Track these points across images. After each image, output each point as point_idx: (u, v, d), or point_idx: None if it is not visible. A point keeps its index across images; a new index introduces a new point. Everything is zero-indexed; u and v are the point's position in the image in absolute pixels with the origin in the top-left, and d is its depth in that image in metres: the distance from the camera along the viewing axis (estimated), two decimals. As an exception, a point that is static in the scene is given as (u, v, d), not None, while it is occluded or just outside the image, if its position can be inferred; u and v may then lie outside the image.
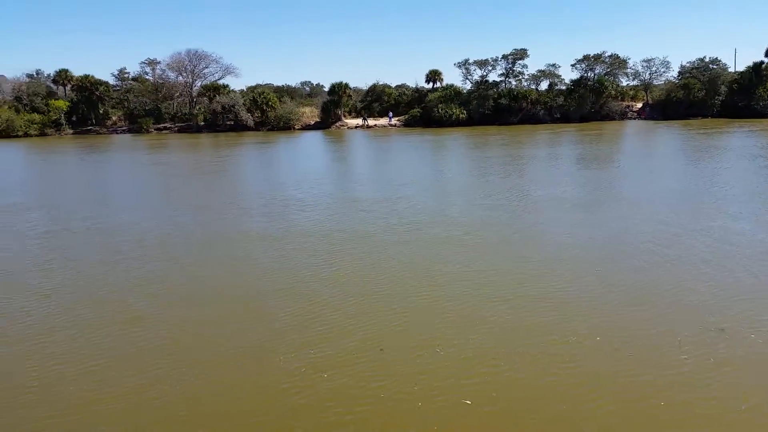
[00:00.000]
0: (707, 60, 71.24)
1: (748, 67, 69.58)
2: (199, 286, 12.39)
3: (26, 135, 67.23)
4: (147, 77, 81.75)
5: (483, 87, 71.71)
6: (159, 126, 71.71)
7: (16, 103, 73.41)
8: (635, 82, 76.30)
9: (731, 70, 73.74)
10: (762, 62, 68.58)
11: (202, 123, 70.39)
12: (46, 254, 15.24)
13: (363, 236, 16.27)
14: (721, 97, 68.32)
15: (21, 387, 8.15)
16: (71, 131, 70.86)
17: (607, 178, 26.01)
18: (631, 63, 73.30)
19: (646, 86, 74.97)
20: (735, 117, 64.66)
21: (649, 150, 40.30)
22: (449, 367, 8.53)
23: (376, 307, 10.87)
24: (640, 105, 74.70)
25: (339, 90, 71.81)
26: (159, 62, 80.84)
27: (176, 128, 71.38)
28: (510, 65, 72.61)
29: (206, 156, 43.70)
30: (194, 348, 9.36)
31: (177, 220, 19.19)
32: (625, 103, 73.97)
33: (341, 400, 7.71)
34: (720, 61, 71.37)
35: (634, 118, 71.21)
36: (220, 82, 75.86)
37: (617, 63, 72.37)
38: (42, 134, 68.58)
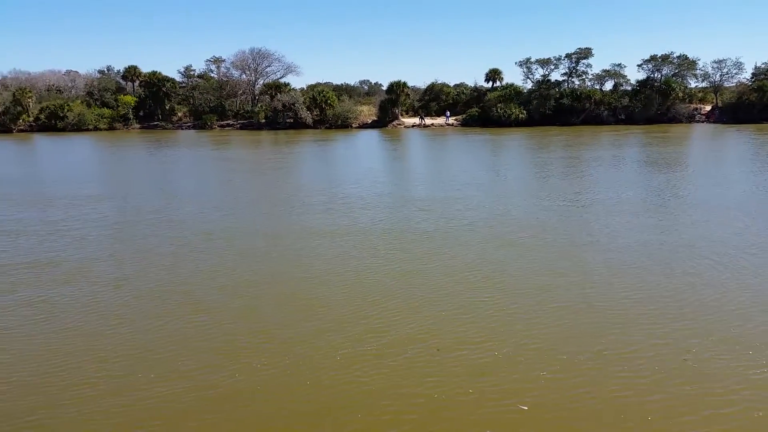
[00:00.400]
0: (786, 60, 67.54)
1: (830, 68, 65.59)
2: (264, 281, 12.54)
3: (96, 129, 70.09)
4: (212, 75, 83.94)
5: (544, 86, 70.19)
6: (222, 123, 73.48)
7: (87, 98, 76.75)
8: (704, 84, 73.12)
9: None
10: None
11: (263, 120, 71.68)
12: (118, 244, 15.75)
13: (424, 236, 16.13)
14: (798, 100, 64.58)
15: (89, 378, 8.37)
16: (138, 126, 73.49)
17: (679, 183, 24.96)
18: (700, 64, 70.37)
19: (716, 88, 71.68)
20: (814, 121, 61.06)
21: (720, 154, 38.53)
22: (507, 371, 8.36)
23: (436, 307, 10.75)
24: (708, 108, 71.51)
25: (397, 89, 71.72)
26: (224, 60, 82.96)
27: (238, 125, 72.98)
28: (573, 64, 70.83)
29: (268, 153, 44.46)
30: (257, 344, 9.45)
31: (243, 215, 19.54)
32: (692, 106, 70.89)
33: (396, 399, 7.67)
34: (798, 61, 67.51)
35: (702, 121, 68.19)
36: (282, 80, 77.13)
37: (686, 64, 69.52)
38: (111, 128, 71.39)
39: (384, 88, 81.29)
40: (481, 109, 70.44)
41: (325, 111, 71.01)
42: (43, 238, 16.50)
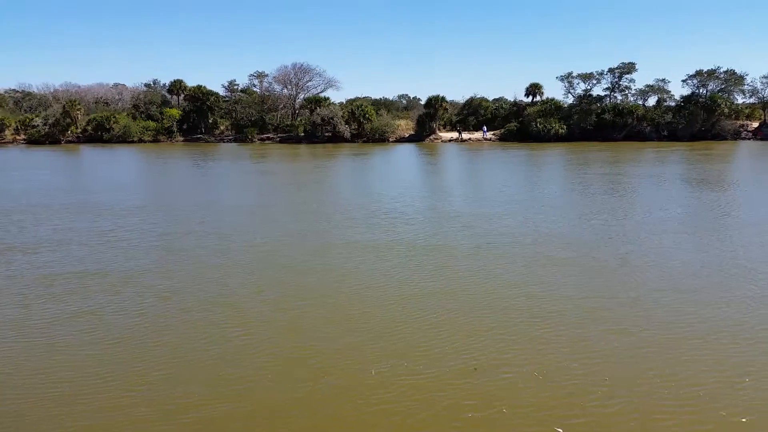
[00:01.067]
0: (839, 75, 65.20)
1: None
2: (308, 295, 12.51)
3: (141, 141, 72.04)
4: (255, 89, 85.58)
5: (586, 101, 69.25)
6: (262, 136, 74.66)
7: (133, 111, 79.04)
8: (752, 100, 71.05)
9: None
10: None
11: (302, 134, 72.53)
12: (166, 256, 16.00)
13: (468, 253, 15.92)
14: None
15: (131, 392, 8.41)
16: (182, 138, 75.18)
17: (730, 201, 24.16)
18: (748, 79, 68.44)
19: (765, 104, 69.61)
20: None
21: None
22: (547, 393, 8.16)
23: (478, 326, 10.59)
24: (756, 124, 69.42)
25: (435, 103, 71.91)
26: (266, 75, 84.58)
27: (278, 138, 74.06)
28: (616, 79, 69.73)
29: (309, 166, 44.88)
30: (298, 360, 9.40)
31: (287, 228, 19.65)
32: (739, 122, 68.93)
33: (431, 418, 7.57)
34: None
35: (749, 139, 66.24)
36: (322, 94, 78.23)
37: (733, 79, 67.71)
38: (155, 140, 73.26)
39: (422, 102, 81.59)
40: (519, 123, 69.96)
41: (363, 125, 71.51)
42: (93, 247, 16.87)
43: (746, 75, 68.19)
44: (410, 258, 15.43)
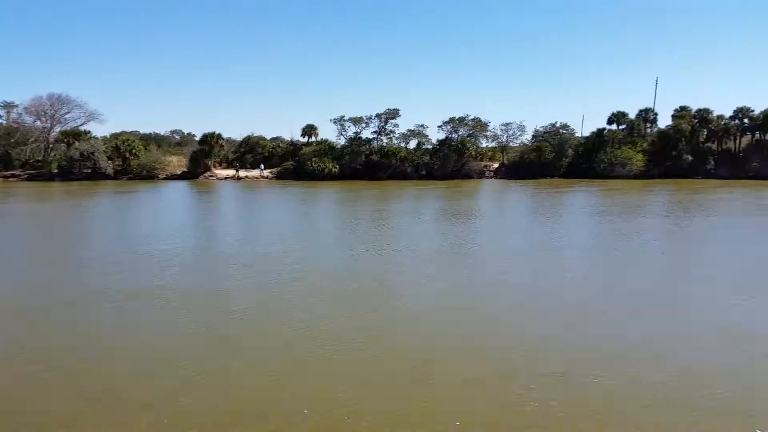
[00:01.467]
0: (558, 125, 78.63)
1: (593, 132, 78.13)
2: (51, 357, 11.39)
3: None
4: (0, 121, 75.04)
5: (356, 143, 73.67)
6: (6, 173, 65.64)
7: None
8: (493, 144, 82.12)
9: (578, 135, 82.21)
10: (604, 129, 77.42)
11: (56, 171, 65.35)
12: None
13: (248, 294, 15.86)
14: (568, 159, 75.39)
15: None
16: None
17: (477, 232, 27.59)
18: (491, 126, 79.22)
19: (503, 148, 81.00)
20: (579, 177, 71.32)
21: (508, 206, 43.33)
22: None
23: (262, 368, 10.76)
24: (497, 165, 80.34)
25: (211, 140, 70.44)
26: (16, 105, 74.63)
27: (25, 176, 65.74)
28: (383, 124, 75.42)
29: (63, 207, 40.56)
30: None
31: (30, 278, 17.55)
32: (483, 163, 79.11)
33: None
34: (569, 126, 79.01)
35: (491, 177, 76.39)
36: (82, 128, 71.36)
37: (479, 126, 77.67)
38: None
39: (197, 138, 79.25)
40: (296, 162, 71.75)
41: (129, 161, 66.99)
42: None
43: (489, 122, 78.96)
44: (181, 304, 14.87)
